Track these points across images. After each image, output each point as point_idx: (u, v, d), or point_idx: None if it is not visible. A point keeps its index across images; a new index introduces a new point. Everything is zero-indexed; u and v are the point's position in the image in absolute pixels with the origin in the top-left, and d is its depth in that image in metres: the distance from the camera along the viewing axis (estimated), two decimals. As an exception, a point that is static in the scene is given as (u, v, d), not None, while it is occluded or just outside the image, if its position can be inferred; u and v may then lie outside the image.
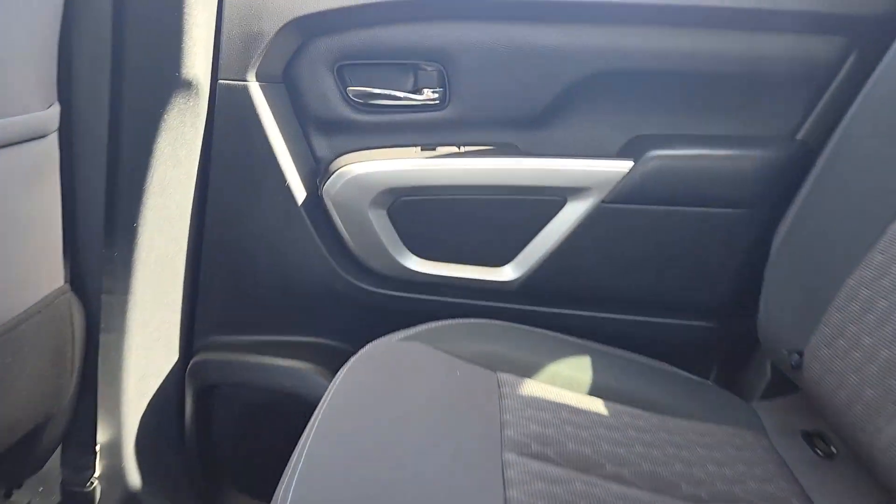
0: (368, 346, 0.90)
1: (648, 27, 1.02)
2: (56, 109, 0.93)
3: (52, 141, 0.93)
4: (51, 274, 0.97)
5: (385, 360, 0.86)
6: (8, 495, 1.10)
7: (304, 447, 0.67)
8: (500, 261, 1.09)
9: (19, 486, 1.11)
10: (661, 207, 1.01)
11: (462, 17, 1.03)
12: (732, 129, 1.05)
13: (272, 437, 1.17)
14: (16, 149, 0.85)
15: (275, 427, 1.16)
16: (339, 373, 0.82)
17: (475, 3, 1.02)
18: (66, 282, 1.01)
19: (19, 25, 0.82)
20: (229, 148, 1.08)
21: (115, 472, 1.15)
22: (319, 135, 1.12)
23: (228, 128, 1.07)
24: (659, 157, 1.00)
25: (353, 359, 0.87)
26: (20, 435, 0.94)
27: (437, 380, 0.82)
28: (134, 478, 1.15)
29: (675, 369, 0.97)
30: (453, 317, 1.05)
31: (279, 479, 1.18)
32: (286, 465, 1.17)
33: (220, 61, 1.05)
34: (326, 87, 1.08)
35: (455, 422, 0.74)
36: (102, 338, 1.09)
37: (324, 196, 1.07)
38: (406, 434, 0.70)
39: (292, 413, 1.14)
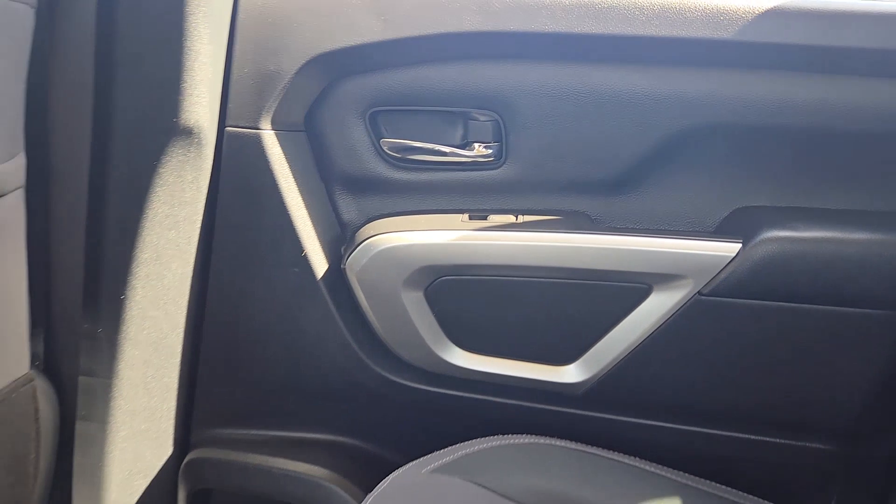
0: (389, 480, 0.69)
1: (761, 72, 0.81)
2: (20, 161, 0.76)
3: (14, 200, 0.76)
4: (12, 360, 0.79)
5: (411, 500, 0.65)
6: None
7: None
8: (563, 359, 0.88)
9: None
10: (777, 304, 0.78)
11: (525, 55, 0.84)
12: (873, 204, 0.82)
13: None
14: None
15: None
16: None
17: (542, 39, 0.82)
18: (32, 366, 0.83)
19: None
20: (237, 208, 0.89)
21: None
22: (346, 195, 0.92)
23: (236, 184, 0.89)
24: (775, 238, 0.77)
25: (369, 499, 0.66)
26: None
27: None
28: None
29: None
30: (502, 422, 0.84)
31: None
32: None
33: (229, 105, 0.87)
34: (356, 137, 0.89)
35: None
36: (79, 428, 0.91)
37: (347, 271, 0.88)
38: None
39: (301, 532, 0.94)
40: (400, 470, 0.72)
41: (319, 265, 0.90)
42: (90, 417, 0.91)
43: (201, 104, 0.82)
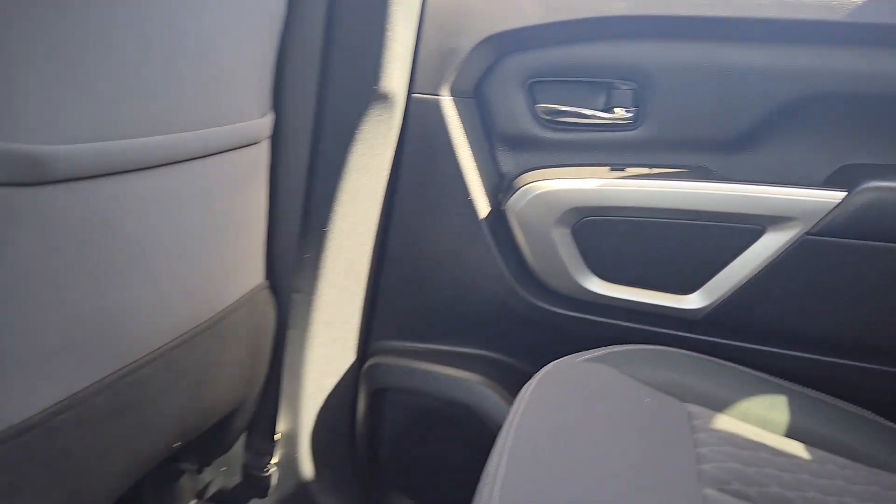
0: (552, 366, 0.89)
1: (867, 47, 0.95)
2: (270, 118, 0.99)
3: (264, 148, 1.00)
4: (253, 271, 1.03)
5: (570, 380, 0.85)
6: (199, 472, 1.18)
7: (497, 468, 0.66)
8: (686, 288, 1.04)
9: (208, 465, 1.18)
10: (879, 244, 0.93)
11: (663, 35, 1.01)
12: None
13: (438, 444, 1.18)
14: (234, 153, 0.91)
15: (442, 434, 1.17)
16: (523, 391, 0.81)
17: (677, 22, 0.99)
18: (265, 279, 1.07)
19: (245, 37, 0.89)
20: (417, 159, 1.11)
21: (290, 461, 1.21)
22: (505, 150, 1.12)
23: (418, 140, 1.10)
24: (876, 188, 0.92)
25: (537, 377, 0.86)
26: (218, 417, 1.01)
27: (625, 405, 0.79)
28: (307, 468, 1.21)
29: (884, 421, 0.89)
30: (631, 342, 1.01)
31: (442, 485, 1.19)
32: (450, 471, 1.18)
33: (416, 76, 1.08)
34: (516, 103, 1.09)
35: (647, 450, 0.71)
36: (290, 333, 1.14)
37: (507, 211, 1.08)
38: (599, 458, 0.68)
39: (460, 422, 1.15)
40: (557, 360, 0.91)
41: (482, 207, 1.10)
42: (295, 326, 1.15)
43: (395, 75, 1.04)
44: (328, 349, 1.18)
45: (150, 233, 0.77)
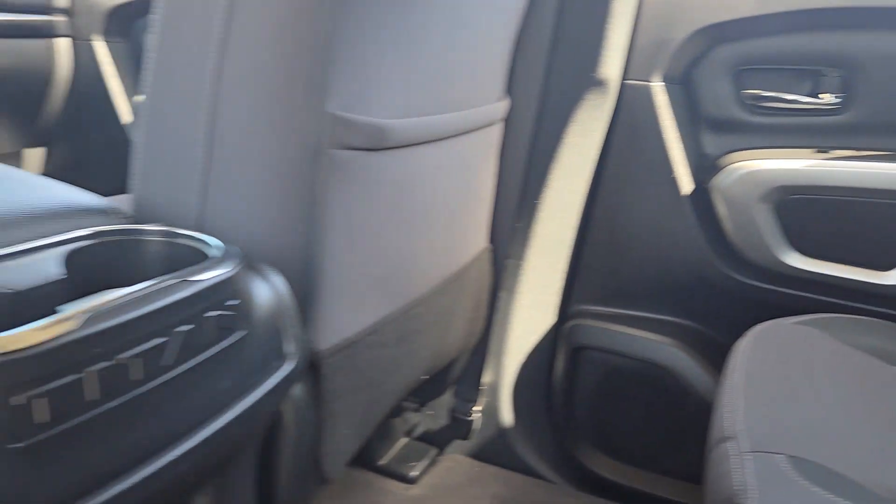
0: (760, 327, 0.98)
1: None
2: (506, 102, 1.14)
3: (499, 128, 1.14)
4: (481, 236, 1.18)
5: (783, 339, 0.94)
6: (417, 410, 1.34)
7: (731, 420, 0.75)
8: (884, 265, 1.10)
9: (424, 405, 1.35)
10: None
11: (877, 25, 1.07)
12: None
13: (632, 401, 1.29)
14: (482, 132, 1.06)
15: (636, 392, 1.28)
16: (738, 345, 0.91)
17: (893, 13, 1.05)
18: (488, 244, 1.22)
19: (497, 29, 1.03)
20: (626, 141, 1.22)
21: (492, 409, 1.36)
22: (710, 133, 1.22)
23: (628, 122, 1.21)
24: None
25: (750, 334, 0.96)
26: (448, 360, 1.17)
27: (839, 364, 0.88)
28: (507, 416, 1.35)
29: None
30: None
31: (633, 440, 1.30)
32: (643, 428, 1.29)
33: (630, 64, 1.20)
34: (723, 89, 1.18)
35: (870, 394, 0.80)
36: (501, 295, 1.29)
37: (711, 189, 1.17)
38: (828, 410, 0.78)
39: (655, 382, 1.26)
40: (764, 323, 1.00)
41: (685, 185, 1.20)
42: (506, 288, 1.29)
43: (612, 64, 1.16)
44: (532, 311, 1.32)
45: (435, 194, 0.93)
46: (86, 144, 1.82)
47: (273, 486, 0.82)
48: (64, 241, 0.58)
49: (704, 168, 1.21)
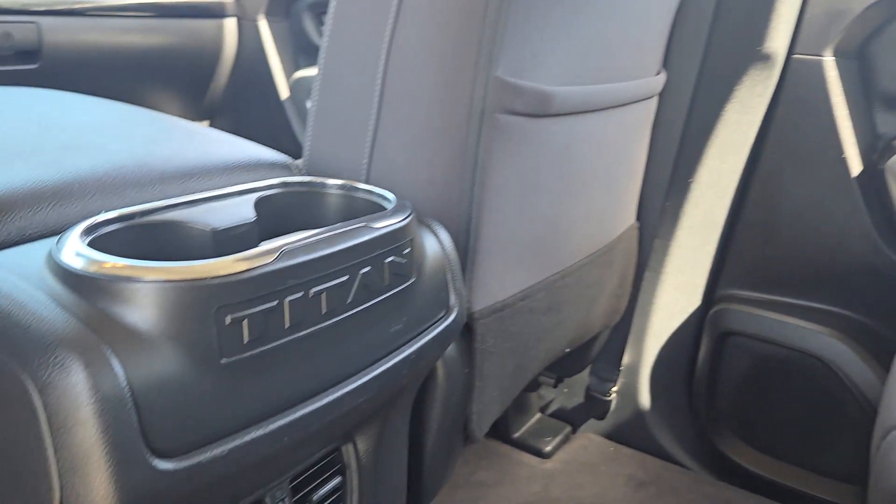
0: None
1: None
2: (663, 76, 1.11)
3: (654, 103, 1.12)
4: (630, 212, 1.17)
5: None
6: (554, 385, 1.35)
7: None
8: None
9: (561, 381, 1.35)
10: None
11: None
12: None
13: (782, 392, 1.24)
14: (638, 105, 1.05)
15: (787, 383, 1.23)
16: None
17: None
18: (636, 221, 1.21)
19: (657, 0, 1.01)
20: (790, 118, 1.16)
21: (630, 391, 1.34)
22: (886, 112, 1.14)
23: (793, 98, 1.15)
24: None
25: None
26: (591, 335, 1.17)
27: None
28: (645, 399, 1.33)
29: None
30: None
31: (780, 433, 1.25)
32: (791, 420, 1.23)
33: (798, 37, 1.13)
34: (904, 64, 1.10)
35: None
36: (646, 275, 1.27)
37: (886, 171, 1.10)
38: None
39: (808, 372, 1.20)
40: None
41: (854, 166, 1.13)
42: (652, 268, 1.27)
43: (779, 37, 1.10)
44: (677, 292, 1.28)
45: (591, 165, 0.93)
46: (246, 120, 1.94)
47: (423, 439, 0.85)
48: (254, 189, 0.62)
49: (877, 149, 1.13)
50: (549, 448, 1.33)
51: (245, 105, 1.93)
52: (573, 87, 0.83)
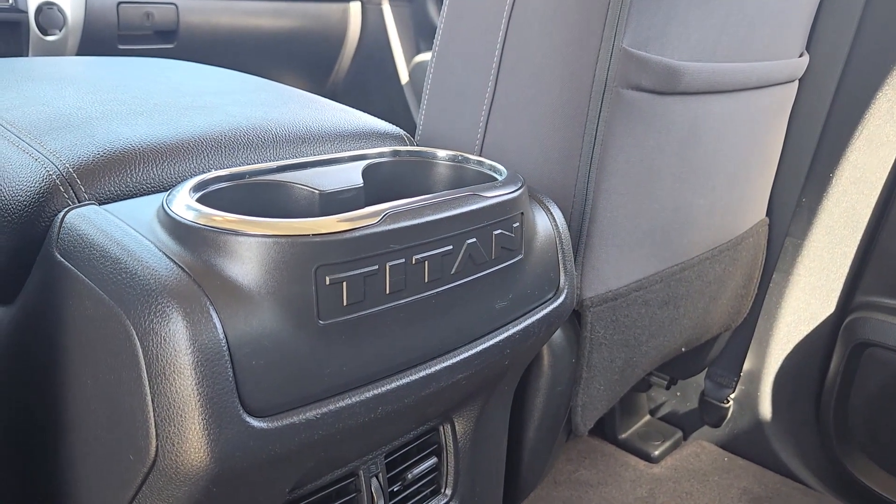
0: None
1: None
2: (805, 60, 1.02)
3: (793, 88, 1.03)
4: (760, 207, 1.08)
5: None
6: (667, 387, 1.28)
7: None
8: None
9: (675, 384, 1.28)
10: None
11: None
12: None
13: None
14: (775, 89, 0.96)
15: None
16: None
17: None
18: (765, 216, 1.12)
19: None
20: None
21: (750, 399, 1.25)
22: None
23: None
24: None
25: None
26: (710, 336, 1.09)
27: None
28: (766, 409, 1.24)
29: None
30: None
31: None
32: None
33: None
34: None
35: None
36: (774, 276, 1.18)
37: None
38: None
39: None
40: None
41: None
42: (781, 269, 1.18)
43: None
44: (810, 297, 1.18)
45: (719, 150, 0.86)
46: (366, 101, 1.97)
47: (524, 429, 0.82)
48: (364, 156, 0.61)
49: None
50: (657, 452, 1.26)
51: (366, 87, 1.95)
52: (704, 63, 0.77)
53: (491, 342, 0.55)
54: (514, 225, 0.56)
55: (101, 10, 1.48)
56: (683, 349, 1.02)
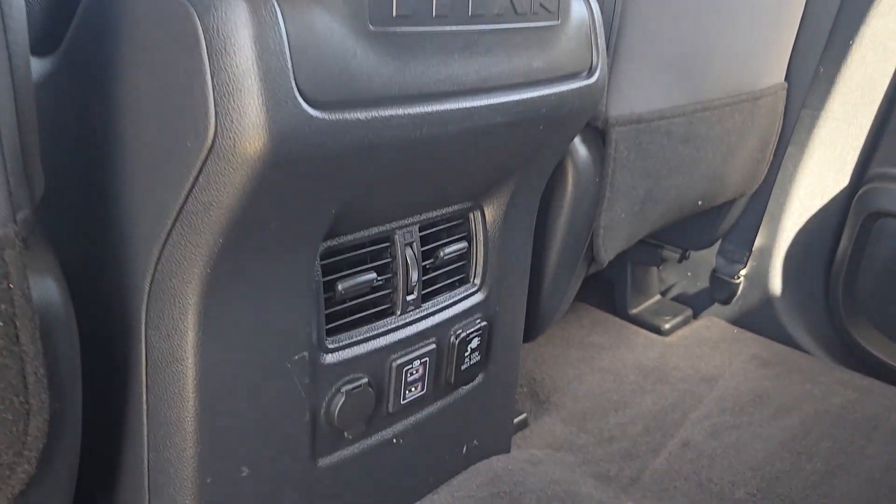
0: None
1: None
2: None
3: None
4: (779, 68, 1.09)
5: None
6: (679, 260, 1.29)
7: None
8: None
9: (687, 258, 1.30)
10: None
11: None
12: None
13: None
14: None
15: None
16: None
17: None
18: (783, 80, 1.12)
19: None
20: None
21: (760, 274, 1.27)
22: None
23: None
24: None
25: None
26: (726, 198, 1.10)
27: None
28: (775, 285, 1.26)
29: None
30: None
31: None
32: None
33: None
34: None
35: None
36: (790, 149, 1.19)
37: None
38: None
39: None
40: None
41: None
42: (796, 143, 1.19)
43: None
44: (823, 169, 1.20)
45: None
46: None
47: (546, 251, 0.84)
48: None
49: None
50: (667, 326, 1.28)
51: None
52: None
53: (529, 94, 0.56)
54: (557, -4, 0.57)
55: None
56: (700, 203, 1.04)
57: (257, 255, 0.50)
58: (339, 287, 0.58)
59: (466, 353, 0.69)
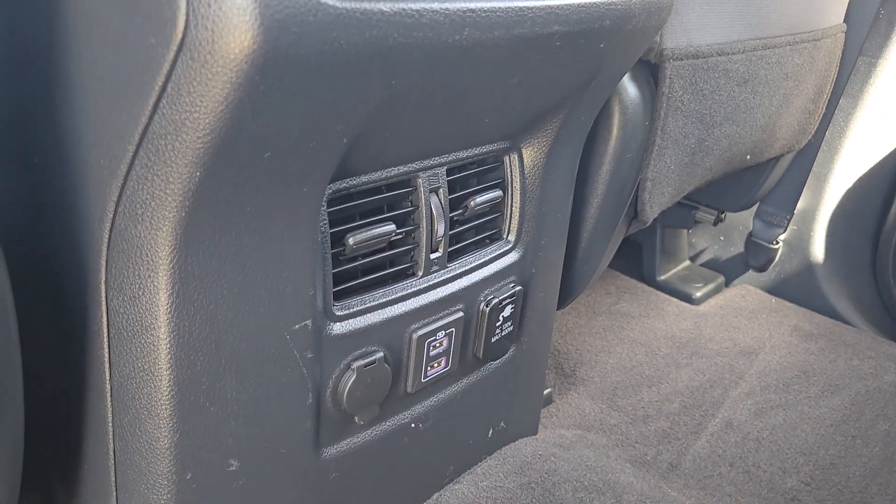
0: None
1: None
2: None
3: None
4: (839, 8, 0.97)
5: None
6: (714, 224, 1.18)
7: None
8: None
9: (722, 220, 1.18)
10: None
11: None
12: None
13: None
14: None
15: None
16: None
17: None
18: (843, 22, 1.00)
19: None
20: None
21: (800, 242, 1.17)
22: None
23: None
24: None
25: None
26: (776, 153, 0.99)
27: None
28: (817, 253, 1.16)
29: None
30: None
31: None
32: None
33: None
34: None
35: None
36: (842, 101, 1.08)
37: None
38: None
39: None
40: None
41: None
42: (850, 94, 1.07)
43: None
44: (875, 126, 1.09)
45: None
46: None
47: (585, 205, 0.72)
48: None
49: None
50: (698, 294, 1.18)
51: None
52: None
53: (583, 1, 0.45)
54: None
55: None
56: (749, 157, 0.93)
57: (246, 196, 0.38)
58: (350, 241, 0.47)
59: (498, 323, 0.58)
